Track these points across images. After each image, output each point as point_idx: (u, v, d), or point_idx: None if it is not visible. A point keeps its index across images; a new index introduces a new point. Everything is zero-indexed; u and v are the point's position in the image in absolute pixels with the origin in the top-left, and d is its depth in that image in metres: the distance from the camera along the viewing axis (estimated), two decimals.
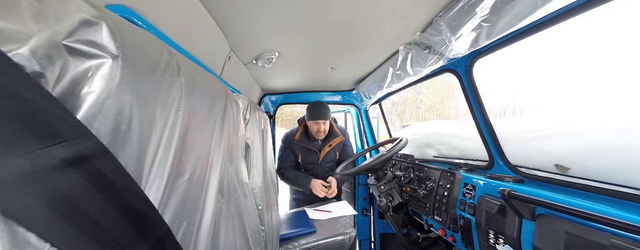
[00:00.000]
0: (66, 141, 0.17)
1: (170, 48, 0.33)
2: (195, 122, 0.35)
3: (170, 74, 0.30)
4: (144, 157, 0.25)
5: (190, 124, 0.33)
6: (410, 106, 21.90)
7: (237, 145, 0.56)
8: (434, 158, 1.35)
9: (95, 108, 0.20)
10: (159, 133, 0.27)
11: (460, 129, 1.21)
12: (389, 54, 1.23)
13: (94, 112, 0.20)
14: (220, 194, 0.40)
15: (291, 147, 1.68)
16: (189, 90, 0.34)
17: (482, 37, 0.73)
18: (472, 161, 1.08)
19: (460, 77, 1.01)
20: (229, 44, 0.93)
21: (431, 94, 22.53)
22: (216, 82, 0.46)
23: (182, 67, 0.33)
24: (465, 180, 0.91)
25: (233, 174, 0.50)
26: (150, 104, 0.26)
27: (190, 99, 0.34)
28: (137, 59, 0.25)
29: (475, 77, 0.96)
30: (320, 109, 1.63)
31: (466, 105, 1.00)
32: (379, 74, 1.46)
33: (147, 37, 0.30)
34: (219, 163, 0.40)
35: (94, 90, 0.21)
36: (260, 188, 0.65)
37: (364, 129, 2.11)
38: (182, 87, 0.32)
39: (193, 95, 0.35)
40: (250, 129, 0.65)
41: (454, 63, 1.02)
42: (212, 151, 0.38)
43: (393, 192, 1.37)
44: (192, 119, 0.34)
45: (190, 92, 0.34)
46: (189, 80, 0.34)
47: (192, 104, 0.34)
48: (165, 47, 0.32)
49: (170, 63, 0.31)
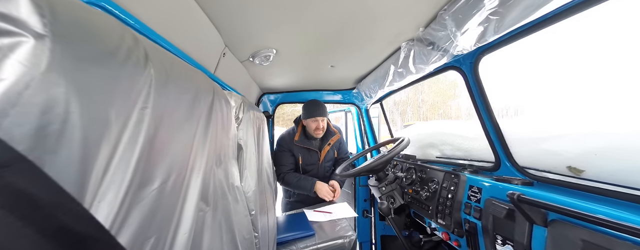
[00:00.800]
0: None
1: (137, 34, 0.29)
2: (170, 121, 0.31)
3: (135, 64, 0.26)
4: (90, 165, 0.21)
5: (161, 123, 0.29)
6: (411, 106, 21.77)
7: (227, 146, 0.52)
8: (437, 159, 1.31)
9: (5, 102, 0.16)
10: (114, 134, 0.23)
11: (464, 129, 1.17)
12: (391, 51, 1.19)
13: (3, 107, 0.16)
14: (204, 202, 0.36)
15: (290, 150, 1.63)
16: (161, 85, 0.29)
17: (490, 31, 0.69)
18: (477, 162, 1.04)
19: (464, 75, 0.96)
20: (223, 39, 0.89)
21: (433, 93, 22.38)
22: (201, 77, 0.42)
23: (152, 56, 0.29)
24: (471, 182, 0.87)
25: (222, 178, 0.46)
26: (100, 99, 0.22)
27: (163, 95, 0.30)
28: (78, 41, 0.21)
29: (481, 75, 0.92)
30: (317, 105, 1.60)
31: (468, 105, 0.96)
32: (380, 72, 1.42)
33: (100, 17, 0.25)
34: (202, 167, 0.36)
35: (4, 79, 0.16)
36: (254, 192, 0.62)
37: (364, 128, 2.07)
38: (151, 80, 0.28)
39: (167, 91, 0.31)
40: (243, 128, 0.62)
41: (458, 60, 0.97)
42: (193, 154, 0.35)
43: (395, 193, 1.34)
44: (164, 117, 0.30)
45: (163, 86, 0.30)
46: (161, 72, 0.30)
47: (166, 100, 0.30)
48: (129, 31, 0.27)
49: (134, 51, 0.26)
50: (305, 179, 1.58)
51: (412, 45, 1.05)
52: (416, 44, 1.01)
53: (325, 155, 1.72)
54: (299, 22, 0.84)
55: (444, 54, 0.90)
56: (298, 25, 0.87)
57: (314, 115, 1.59)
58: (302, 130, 1.68)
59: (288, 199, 1.75)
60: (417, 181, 1.24)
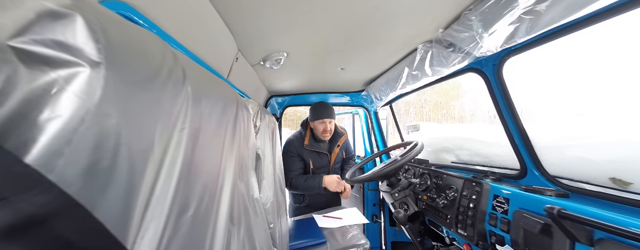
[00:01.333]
0: (3, 200, 0.11)
1: (175, 51, 0.26)
2: (204, 138, 0.28)
3: (175, 83, 0.23)
4: (134, 199, 0.18)
5: (197, 142, 0.26)
6: (414, 106, 21.52)
7: (247, 157, 0.49)
8: (453, 164, 1.26)
9: (61, 141, 0.14)
10: (157, 162, 0.21)
11: (482, 133, 1.12)
12: (405, 53, 1.16)
13: (58, 147, 0.14)
14: (230, 221, 0.33)
15: (299, 154, 1.59)
16: (196, 101, 0.27)
17: (521, 32, 0.65)
18: (498, 169, 0.99)
19: (486, 77, 0.92)
20: (237, 44, 0.87)
21: (436, 93, 22.13)
22: (226, 87, 0.39)
23: (188, 72, 0.26)
24: (495, 192, 0.82)
25: (244, 191, 0.43)
26: (146, 124, 0.19)
27: (197, 112, 0.27)
28: (128, 66, 0.18)
29: (505, 77, 0.87)
30: (325, 107, 1.57)
31: (472, 106, 0.91)
32: (392, 74, 1.38)
33: (144, 35, 0.23)
34: (229, 183, 0.33)
35: (61, 115, 0.14)
36: (272, 203, 0.59)
37: (373, 131, 2.02)
38: (189, 98, 0.25)
39: (201, 107, 0.28)
40: (260, 137, 0.58)
41: (479, 62, 0.93)
42: (222, 170, 0.31)
43: (408, 200, 1.29)
44: (199, 135, 0.27)
45: (197, 103, 0.27)
46: (197, 88, 0.27)
47: (200, 116, 0.27)
48: (168, 48, 0.25)
49: (175, 69, 0.24)
50: (312, 177, 1.53)
51: (429, 47, 1.01)
52: (434, 45, 0.97)
53: (335, 158, 1.69)
54: (311, 24, 0.81)
55: (466, 56, 0.86)
56: (310, 28, 0.84)
57: (322, 117, 1.55)
58: (311, 133, 1.65)
59: (298, 205, 1.70)
60: (433, 188, 1.19)
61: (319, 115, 1.55)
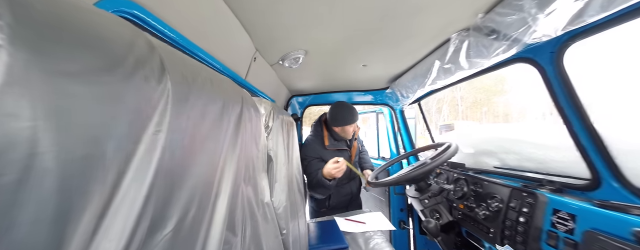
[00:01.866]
0: None
1: (154, 41, 0.23)
2: (192, 142, 0.24)
3: (147, 78, 0.20)
4: (72, 214, 0.15)
5: (181, 146, 0.23)
6: (448, 103, 19.71)
7: (257, 159, 0.46)
8: (496, 170, 1.09)
9: None
10: (113, 172, 0.17)
11: (535, 134, 0.94)
12: (436, 45, 1.03)
13: None
14: (231, 231, 0.30)
15: (319, 156, 1.51)
16: (180, 100, 0.24)
17: (592, 8, 0.51)
18: (558, 178, 0.82)
19: (541, 68, 0.76)
20: (254, 44, 0.86)
21: (474, 89, 19.94)
22: (228, 84, 0.36)
23: (170, 67, 0.23)
24: (556, 206, 0.67)
25: (251, 195, 0.40)
26: (90, 127, 0.16)
27: (183, 112, 0.24)
28: (59, 53, 0.15)
29: (567, 67, 0.71)
30: (350, 111, 1.50)
31: (520, 102, 0.75)
32: (420, 69, 1.25)
33: (102, 19, 0.19)
34: (228, 188, 0.30)
35: None
36: (285, 207, 0.55)
37: (399, 131, 1.89)
38: (168, 96, 0.22)
39: (187, 106, 0.25)
40: (273, 138, 0.56)
41: (531, 50, 0.78)
42: (219, 175, 0.28)
43: (440, 208, 1.16)
44: (184, 139, 0.24)
45: (182, 101, 0.24)
46: (181, 85, 0.24)
47: (186, 118, 0.24)
48: (143, 37, 0.21)
49: (148, 62, 0.21)
50: (315, 174, 1.41)
51: (465, 36, 0.88)
52: (472, 34, 0.84)
53: (355, 152, 1.64)
54: (330, 20, 0.76)
55: (513, 44, 0.72)
56: (329, 24, 0.79)
57: (349, 123, 1.48)
58: (329, 132, 1.58)
59: (320, 210, 1.64)
60: (471, 195, 1.05)
61: (345, 121, 1.48)
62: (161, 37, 0.44)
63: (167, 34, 0.47)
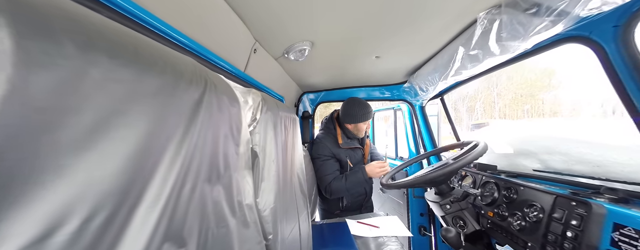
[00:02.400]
0: None
1: None
2: (90, 129, 0.18)
3: None
4: None
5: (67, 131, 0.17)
6: (482, 101, 17.71)
7: (234, 155, 0.41)
8: (536, 173, 0.92)
9: None
10: None
11: (589, 132, 0.76)
12: (460, 29, 0.90)
13: None
14: (175, 243, 0.23)
15: (334, 155, 1.43)
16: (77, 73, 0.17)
17: None
18: (622, 185, 0.64)
19: (600, 49, 0.60)
20: (252, 33, 0.82)
21: (515, 86, 17.53)
22: (183, 62, 0.30)
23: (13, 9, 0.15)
24: (618, 219, 0.52)
25: (220, 197, 0.35)
26: None
27: (59, 89, 0.17)
28: None
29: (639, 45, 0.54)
30: (364, 108, 1.41)
31: (571, 98, 0.59)
32: (441, 58, 1.11)
33: None
34: (166, 189, 0.24)
35: None
36: (273, 209, 0.49)
37: (419, 129, 1.73)
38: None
39: (89, 84, 0.18)
40: (259, 132, 0.50)
41: (586, 26, 0.62)
42: (148, 172, 0.23)
43: (465, 214, 1.02)
44: (78, 121, 0.17)
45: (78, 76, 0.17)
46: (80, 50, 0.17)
47: (61, 96, 0.17)
48: None
49: None
50: (352, 173, 1.37)
51: (496, 13, 0.74)
52: (505, 10, 0.70)
53: (368, 149, 1.57)
54: (335, 6, 0.68)
55: (559, 18, 0.58)
56: (335, 10, 0.71)
57: (363, 120, 1.39)
58: (342, 130, 1.50)
59: (333, 212, 1.55)
60: (503, 202, 0.90)
61: (359, 118, 1.39)
62: (135, 20, 0.41)
63: (147, 21, 0.44)
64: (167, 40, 0.49)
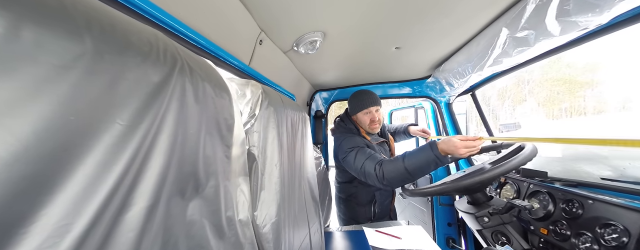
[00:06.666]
0: None
1: None
2: None
3: None
4: None
5: None
6: (511, 99, 15.97)
7: (223, 159, 0.32)
8: (605, 183, 0.73)
9: None
10: None
11: None
12: (504, 7, 0.74)
13: None
14: None
15: (366, 145, 1.21)
16: None
17: None
18: None
19: None
20: (257, 22, 0.74)
21: (550, 82, 15.47)
22: (146, 34, 0.22)
23: None
24: None
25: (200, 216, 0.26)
26: None
27: None
28: None
29: None
30: (368, 94, 1.23)
31: (621, 95, 0.41)
32: (476, 46, 0.95)
33: None
34: (112, 207, 0.16)
35: None
36: (273, 224, 0.40)
37: (444, 129, 1.55)
38: None
39: None
40: (258, 130, 0.41)
41: None
42: (84, 186, 0.15)
43: (509, 230, 0.85)
44: None
45: None
46: None
47: None
48: None
49: None
50: (417, 149, 0.97)
51: None
52: None
53: (393, 145, 1.40)
54: None
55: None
56: None
57: (369, 105, 1.19)
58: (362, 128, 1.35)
59: (363, 222, 1.37)
60: (562, 218, 0.73)
61: (364, 104, 1.20)
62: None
63: (144, 9, 0.37)
64: (155, 24, 0.42)
